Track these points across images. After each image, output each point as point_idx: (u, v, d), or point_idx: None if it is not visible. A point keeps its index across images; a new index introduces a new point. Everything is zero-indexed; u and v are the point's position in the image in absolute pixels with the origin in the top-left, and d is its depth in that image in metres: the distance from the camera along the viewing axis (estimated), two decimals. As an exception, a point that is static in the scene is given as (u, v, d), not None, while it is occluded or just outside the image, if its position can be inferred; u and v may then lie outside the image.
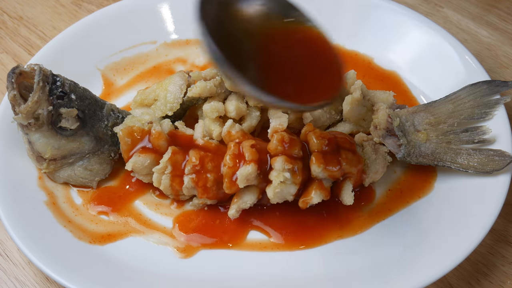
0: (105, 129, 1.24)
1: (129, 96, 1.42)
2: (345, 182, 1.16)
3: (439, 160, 1.21)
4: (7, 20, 1.70)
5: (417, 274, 1.05)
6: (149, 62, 1.49)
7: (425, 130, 1.23)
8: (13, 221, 1.11)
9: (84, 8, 1.74)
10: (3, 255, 1.21)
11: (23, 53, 1.61)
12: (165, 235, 1.18)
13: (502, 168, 1.15)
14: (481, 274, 1.16)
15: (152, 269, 1.12)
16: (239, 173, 1.10)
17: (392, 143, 1.22)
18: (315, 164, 1.12)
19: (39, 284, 1.17)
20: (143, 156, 1.18)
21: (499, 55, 1.56)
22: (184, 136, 1.22)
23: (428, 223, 1.16)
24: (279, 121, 1.18)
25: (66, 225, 1.17)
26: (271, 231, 1.18)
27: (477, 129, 1.22)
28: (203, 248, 1.16)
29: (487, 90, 1.25)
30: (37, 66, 1.14)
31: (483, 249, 1.19)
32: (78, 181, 1.24)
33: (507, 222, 1.24)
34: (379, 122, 1.22)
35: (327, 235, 1.17)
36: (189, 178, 1.14)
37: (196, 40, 1.52)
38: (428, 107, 1.27)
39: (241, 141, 1.15)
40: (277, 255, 1.15)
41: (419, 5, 1.70)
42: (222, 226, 1.19)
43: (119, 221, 1.21)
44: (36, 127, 1.14)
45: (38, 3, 1.75)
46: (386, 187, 1.25)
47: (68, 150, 1.19)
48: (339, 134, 1.20)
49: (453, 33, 1.59)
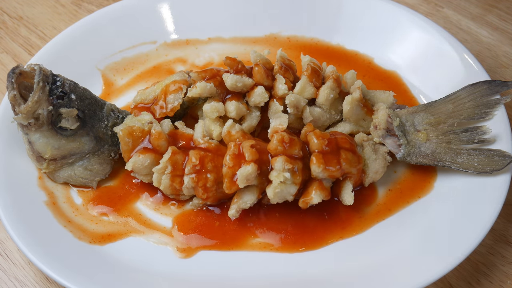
0: (105, 129, 1.24)
1: (129, 96, 1.42)
2: (345, 182, 1.16)
3: (439, 160, 1.21)
4: (7, 20, 1.70)
5: (417, 274, 1.05)
6: (149, 62, 1.49)
7: (425, 130, 1.23)
8: (13, 221, 1.11)
9: (84, 8, 1.74)
10: (3, 255, 1.21)
11: (23, 53, 1.61)
12: (165, 235, 1.18)
13: (502, 168, 1.16)
14: (481, 274, 1.16)
15: (152, 269, 1.12)
16: (239, 173, 1.10)
17: (392, 143, 1.22)
18: (315, 164, 1.12)
19: (39, 284, 1.17)
20: (143, 156, 1.18)
21: (499, 55, 1.56)
22: (184, 136, 1.22)
23: (428, 223, 1.16)
24: (279, 121, 1.19)
25: (66, 225, 1.17)
26: (271, 233, 1.18)
27: (477, 129, 1.22)
28: (203, 249, 1.16)
29: (487, 90, 1.25)
30: (37, 66, 1.14)
31: (483, 249, 1.19)
32: (78, 181, 1.24)
33: (507, 222, 1.24)
34: (379, 122, 1.22)
35: (328, 237, 1.17)
36: (189, 178, 1.14)
37: (196, 40, 1.53)
38: (428, 107, 1.27)
39: (241, 141, 1.15)
40: (277, 255, 1.15)
41: (419, 5, 1.70)
42: (222, 227, 1.19)
43: (119, 221, 1.20)
44: (36, 127, 1.14)
45: (38, 3, 1.75)
46: (386, 187, 1.25)
47: (68, 150, 1.19)
48: (339, 134, 1.20)
49: (453, 33, 1.59)
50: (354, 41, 1.49)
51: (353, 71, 1.29)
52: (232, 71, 1.24)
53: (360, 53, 1.49)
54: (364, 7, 1.50)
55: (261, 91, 1.22)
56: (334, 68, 1.28)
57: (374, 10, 1.49)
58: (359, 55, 1.48)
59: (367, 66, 1.46)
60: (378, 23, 1.48)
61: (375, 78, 1.44)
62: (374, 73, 1.45)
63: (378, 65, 1.46)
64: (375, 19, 1.49)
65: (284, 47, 1.51)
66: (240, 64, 1.24)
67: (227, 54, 1.45)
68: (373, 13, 1.49)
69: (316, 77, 1.25)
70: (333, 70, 1.28)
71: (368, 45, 1.48)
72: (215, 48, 1.52)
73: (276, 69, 1.27)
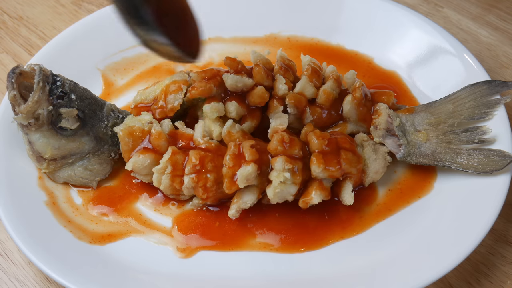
0: (105, 129, 1.24)
1: (129, 96, 1.42)
2: (345, 182, 1.16)
3: (439, 160, 1.21)
4: (7, 20, 1.70)
5: (417, 274, 1.05)
6: (149, 62, 1.49)
7: (425, 130, 1.24)
8: (13, 221, 1.11)
9: (84, 8, 1.74)
10: (3, 255, 1.21)
11: (23, 53, 1.61)
12: (165, 235, 1.18)
13: (502, 168, 1.16)
14: (481, 274, 1.16)
15: (152, 269, 1.12)
16: (239, 173, 1.10)
17: (392, 143, 1.22)
18: (315, 164, 1.12)
19: (39, 284, 1.17)
20: (143, 156, 1.18)
21: (499, 55, 1.56)
22: (184, 136, 1.22)
23: (428, 223, 1.16)
24: (279, 121, 1.19)
25: (66, 225, 1.17)
26: (271, 234, 1.18)
27: (477, 129, 1.22)
28: (203, 249, 1.16)
29: (487, 90, 1.25)
30: (37, 66, 1.14)
31: (483, 249, 1.19)
32: (78, 181, 1.24)
33: (507, 222, 1.24)
34: (379, 122, 1.22)
35: (328, 237, 1.17)
36: (189, 178, 1.14)
37: (196, 40, 1.53)
38: (428, 107, 1.27)
39: (241, 141, 1.15)
40: (277, 256, 1.15)
41: (419, 5, 1.70)
42: (222, 227, 1.19)
43: (119, 221, 1.20)
44: (36, 127, 1.14)
45: (38, 3, 1.75)
46: (386, 187, 1.25)
47: (68, 150, 1.19)
48: (339, 134, 1.20)
49: (453, 33, 1.59)
50: (354, 41, 1.49)
51: (353, 71, 1.29)
52: (232, 71, 1.24)
53: (360, 53, 1.49)
54: (364, 7, 1.50)
55: (261, 91, 1.22)
56: (334, 68, 1.28)
57: (374, 10, 1.49)
58: (359, 55, 1.48)
59: (367, 66, 1.46)
60: (378, 23, 1.48)
61: (375, 78, 1.44)
62: (374, 73, 1.45)
63: (378, 65, 1.46)
64: (375, 19, 1.49)
65: (284, 47, 1.51)
66: (240, 64, 1.24)
67: (227, 54, 1.45)
68: (373, 13, 1.49)
69: (316, 77, 1.25)
70: (333, 70, 1.28)
71: (368, 45, 1.48)
72: (215, 48, 1.52)
73: (276, 69, 1.27)
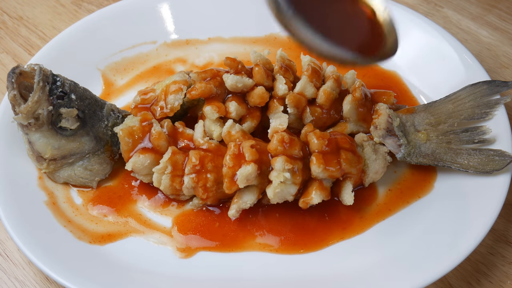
0: (105, 129, 1.24)
1: (129, 96, 1.42)
2: (345, 182, 1.16)
3: (439, 160, 1.21)
4: (7, 20, 1.70)
5: (417, 274, 1.05)
6: (149, 62, 1.49)
7: (425, 130, 1.24)
8: (13, 221, 1.11)
9: (84, 8, 1.74)
10: (3, 255, 1.21)
11: (23, 53, 1.61)
12: (165, 235, 1.18)
13: (502, 168, 1.16)
14: (481, 274, 1.16)
15: (152, 269, 1.12)
16: (239, 173, 1.10)
17: (392, 143, 1.22)
18: (315, 164, 1.12)
19: (39, 284, 1.17)
20: (143, 156, 1.18)
21: (499, 55, 1.56)
22: (184, 136, 1.22)
23: (428, 223, 1.16)
24: (279, 121, 1.19)
25: (66, 225, 1.17)
26: (271, 234, 1.18)
27: (477, 129, 1.22)
28: (203, 250, 1.16)
29: (487, 90, 1.25)
30: (37, 66, 1.14)
31: (483, 249, 1.19)
32: (78, 181, 1.24)
33: (507, 222, 1.24)
34: (379, 122, 1.22)
35: (328, 238, 1.17)
36: (189, 178, 1.14)
37: (196, 40, 1.53)
38: (428, 107, 1.27)
39: (241, 141, 1.15)
40: (277, 256, 1.15)
41: (419, 5, 1.70)
42: (222, 227, 1.19)
43: (119, 221, 1.20)
44: (36, 127, 1.14)
45: (38, 3, 1.75)
46: (386, 187, 1.25)
47: (68, 150, 1.19)
48: (339, 134, 1.20)
49: (453, 33, 1.59)
50: (354, 41, 1.49)
51: (353, 71, 1.29)
52: (232, 71, 1.24)
53: (360, 53, 1.48)
54: (364, 7, 1.50)
55: (261, 91, 1.22)
56: (334, 68, 1.28)
57: (374, 10, 1.49)
58: (359, 55, 1.48)
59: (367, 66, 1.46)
60: (378, 23, 1.48)
61: (375, 78, 1.44)
62: (374, 73, 1.45)
63: (378, 65, 1.46)
64: (375, 19, 1.49)
65: (284, 47, 1.51)
66: (240, 64, 1.24)
67: (227, 54, 1.46)
68: (373, 13, 1.49)
69: (316, 77, 1.25)
70: (333, 70, 1.28)
71: (368, 45, 1.48)
72: (215, 48, 1.52)
73: (276, 69, 1.27)
